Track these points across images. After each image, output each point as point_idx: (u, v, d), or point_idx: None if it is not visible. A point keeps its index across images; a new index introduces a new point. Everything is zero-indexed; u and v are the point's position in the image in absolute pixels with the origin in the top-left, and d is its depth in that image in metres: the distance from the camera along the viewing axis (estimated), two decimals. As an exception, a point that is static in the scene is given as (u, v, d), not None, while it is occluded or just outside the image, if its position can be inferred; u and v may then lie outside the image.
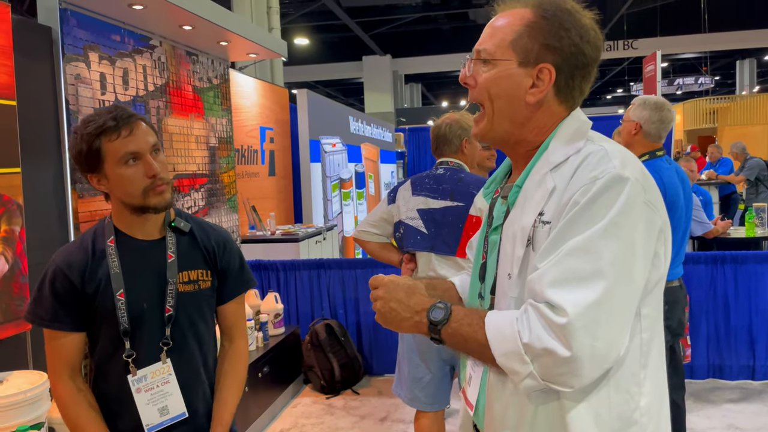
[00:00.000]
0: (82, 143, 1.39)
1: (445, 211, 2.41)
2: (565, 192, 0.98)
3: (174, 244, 1.50)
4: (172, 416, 1.48)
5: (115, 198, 1.45)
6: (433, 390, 2.51)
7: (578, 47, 1.04)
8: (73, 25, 2.63)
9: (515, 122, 1.08)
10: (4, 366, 2.26)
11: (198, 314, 1.52)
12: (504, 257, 1.07)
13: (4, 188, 2.20)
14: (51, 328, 1.44)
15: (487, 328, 0.97)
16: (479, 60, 1.08)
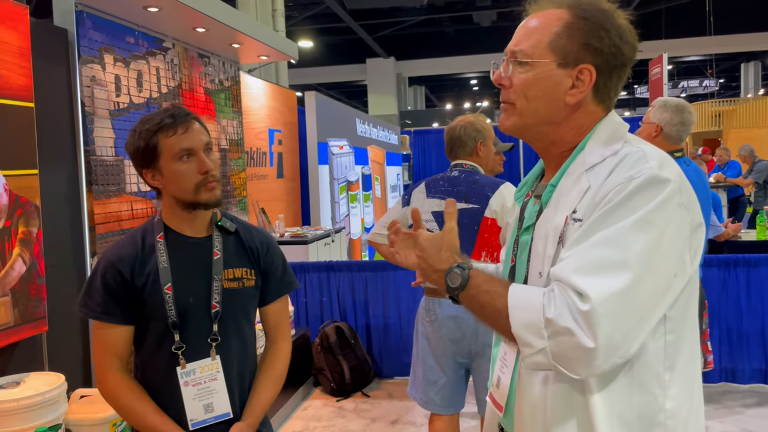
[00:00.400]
0: (140, 140, 1.44)
1: (460, 213, 2.41)
2: (599, 191, 0.98)
3: (220, 243, 1.54)
4: (217, 414, 1.49)
5: (167, 194, 1.49)
6: (448, 393, 2.50)
7: (618, 47, 1.04)
8: (88, 27, 2.63)
9: (552, 123, 1.07)
10: (21, 368, 2.26)
11: (242, 312, 1.55)
12: (535, 256, 1.07)
13: (22, 190, 2.20)
14: (101, 320, 1.47)
15: (510, 296, 0.97)
16: (515, 61, 1.07)
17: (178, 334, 1.47)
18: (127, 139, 1.51)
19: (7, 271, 2.14)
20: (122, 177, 2.80)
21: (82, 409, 2.25)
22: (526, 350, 0.94)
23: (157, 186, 1.49)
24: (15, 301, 2.16)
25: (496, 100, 20.35)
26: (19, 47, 2.20)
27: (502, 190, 2.39)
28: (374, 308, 4.20)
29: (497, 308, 0.97)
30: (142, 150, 1.44)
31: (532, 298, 0.95)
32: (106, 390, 1.49)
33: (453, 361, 2.47)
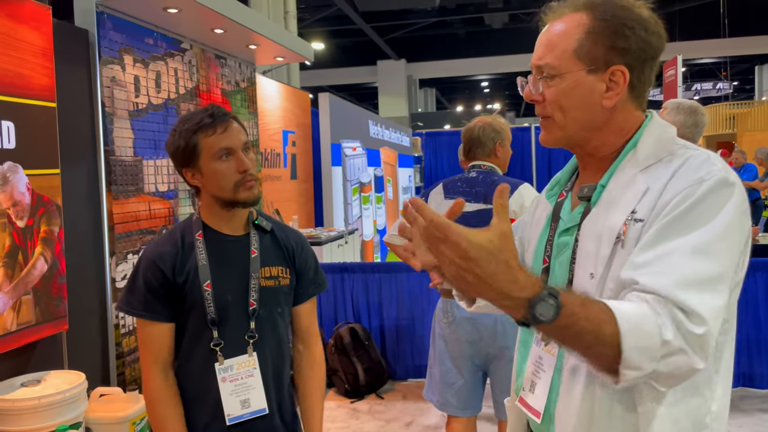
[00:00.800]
0: (180, 139, 1.46)
1: (479, 214, 2.40)
2: (664, 192, 0.97)
3: (257, 241, 1.56)
4: (253, 410, 1.52)
5: (206, 192, 1.52)
6: (465, 395, 2.49)
7: (645, 41, 1.02)
8: (109, 28, 2.65)
9: (593, 128, 1.06)
10: (41, 366, 2.27)
11: (277, 310, 1.58)
12: (585, 257, 1.04)
13: (44, 189, 2.22)
14: (143, 317, 1.50)
15: (620, 320, 0.85)
16: (542, 76, 1.06)
17: (216, 330, 1.49)
18: (167, 138, 1.53)
19: (29, 269, 2.15)
20: (140, 177, 2.81)
21: (101, 407, 2.26)
22: (632, 373, 0.86)
23: (196, 185, 1.52)
24: (37, 300, 2.18)
25: (507, 103, 20.30)
26: (41, 47, 2.22)
27: (521, 191, 2.38)
28: (388, 310, 4.19)
29: (602, 336, 0.85)
30: (182, 149, 1.47)
31: (642, 319, 0.87)
32: (145, 392, 1.53)
33: (470, 363, 2.46)
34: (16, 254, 2.11)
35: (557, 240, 1.12)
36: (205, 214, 1.55)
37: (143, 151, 2.83)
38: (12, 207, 2.09)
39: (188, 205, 3.16)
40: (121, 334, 2.64)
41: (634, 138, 1.06)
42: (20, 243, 2.12)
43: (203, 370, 1.50)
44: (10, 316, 2.07)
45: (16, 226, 2.10)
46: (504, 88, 20.09)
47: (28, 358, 2.25)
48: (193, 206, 3.20)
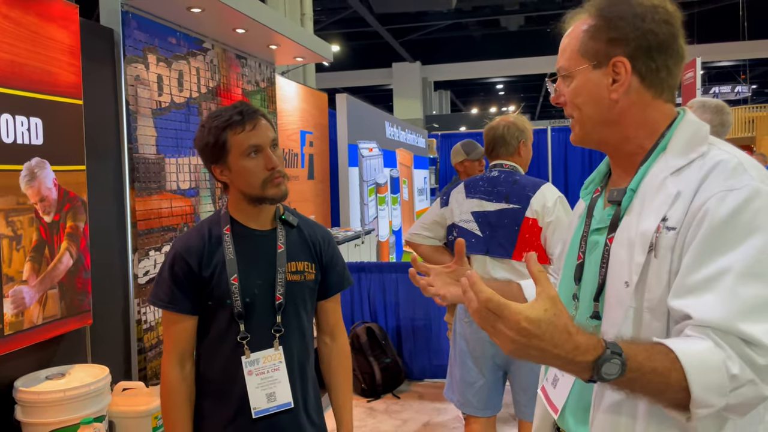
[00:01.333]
0: (209, 136, 1.48)
1: (501, 213, 2.40)
2: (694, 198, 0.95)
3: (284, 236, 1.58)
4: (279, 404, 1.53)
5: (234, 188, 1.55)
6: (486, 395, 2.48)
7: (644, 29, 1.03)
8: (133, 27, 2.68)
9: (608, 122, 1.07)
10: (64, 360, 2.30)
11: (303, 305, 1.60)
12: (619, 264, 1.02)
13: (71, 185, 2.25)
14: (169, 309, 1.53)
15: (684, 362, 0.85)
16: (560, 79, 1.11)
17: (243, 324, 1.51)
18: (195, 134, 1.55)
19: (55, 264, 2.19)
20: (163, 175, 2.84)
21: (124, 401, 2.28)
22: (703, 411, 0.86)
23: (224, 181, 1.55)
24: (62, 294, 2.21)
25: (522, 105, 20.22)
26: (69, 45, 2.26)
27: (543, 191, 2.37)
28: (405, 310, 4.20)
29: (670, 383, 0.86)
30: (212, 146, 1.49)
31: (707, 357, 0.86)
32: (162, 382, 1.56)
33: (491, 363, 2.45)
34: (43, 249, 2.14)
35: (590, 237, 1.12)
36: (232, 209, 1.57)
37: (165, 149, 2.86)
38: (39, 202, 2.12)
39: (209, 203, 3.19)
40: (143, 329, 2.67)
41: (665, 138, 1.05)
42: (47, 238, 2.15)
43: (230, 363, 1.52)
44: (36, 309, 2.10)
45: (43, 221, 2.13)
46: (519, 90, 20.02)
47: (52, 351, 2.28)
48: (213, 204, 3.23)
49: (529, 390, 2.41)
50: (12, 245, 2.01)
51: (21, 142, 2.04)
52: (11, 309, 2.00)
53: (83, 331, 2.40)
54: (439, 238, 2.61)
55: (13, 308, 2.01)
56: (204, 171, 3.16)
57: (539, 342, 0.82)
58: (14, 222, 2.02)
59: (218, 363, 1.54)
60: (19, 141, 2.03)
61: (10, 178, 2.00)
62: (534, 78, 16.86)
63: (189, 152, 3.03)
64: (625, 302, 1.00)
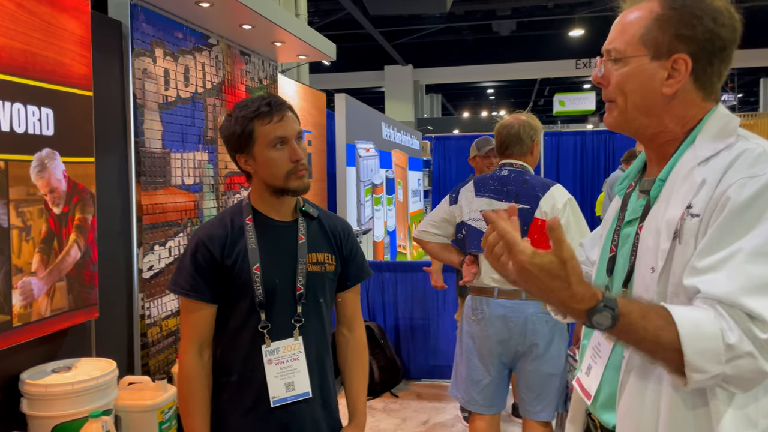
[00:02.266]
0: (236, 125, 1.49)
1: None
2: (718, 186, 0.97)
3: (305, 227, 1.60)
4: (297, 393, 1.54)
5: (257, 179, 1.56)
6: (491, 393, 2.50)
7: (713, 32, 1.03)
8: (141, 20, 2.67)
9: (652, 114, 1.08)
10: (70, 353, 2.28)
11: (323, 296, 1.61)
12: (646, 251, 1.06)
13: (80, 177, 2.23)
14: (189, 297, 1.53)
15: (680, 326, 0.91)
16: (610, 59, 1.09)
17: (264, 313, 1.51)
18: (221, 123, 1.56)
19: (63, 256, 2.17)
20: (168, 170, 2.83)
21: (131, 395, 2.27)
22: (698, 376, 0.91)
23: (248, 170, 1.56)
24: (70, 287, 2.19)
25: (512, 110, 20.35)
26: (80, 36, 2.24)
27: (553, 192, 2.39)
28: (403, 309, 4.21)
29: (662, 342, 0.92)
30: (238, 135, 1.50)
31: (704, 324, 0.91)
32: (179, 369, 1.56)
33: (498, 361, 2.47)
34: (52, 241, 2.12)
35: (623, 230, 1.15)
36: (254, 200, 1.58)
37: (171, 143, 2.85)
38: (49, 193, 2.10)
39: (212, 200, 3.18)
40: (146, 324, 2.65)
41: (695, 130, 1.07)
42: (56, 230, 2.13)
43: (250, 352, 1.53)
44: (44, 301, 2.08)
45: (52, 213, 2.12)
46: (510, 95, 20.14)
47: (58, 344, 2.26)
48: (216, 201, 3.22)
49: (534, 388, 2.43)
50: (22, 236, 1.99)
51: (32, 132, 2.03)
52: (20, 300, 1.98)
53: (88, 325, 2.38)
54: (448, 236, 2.63)
55: (21, 300, 1.98)
56: (208, 166, 3.15)
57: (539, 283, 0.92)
58: (24, 213, 2.00)
59: (238, 352, 1.54)
60: (30, 131, 2.02)
61: (21, 168, 1.98)
62: (525, 83, 16.98)
63: (194, 147, 3.02)
64: (651, 288, 1.03)
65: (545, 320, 2.36)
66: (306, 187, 1.54)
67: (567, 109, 14.15)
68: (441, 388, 4.03)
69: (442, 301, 4.13)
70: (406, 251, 7.27)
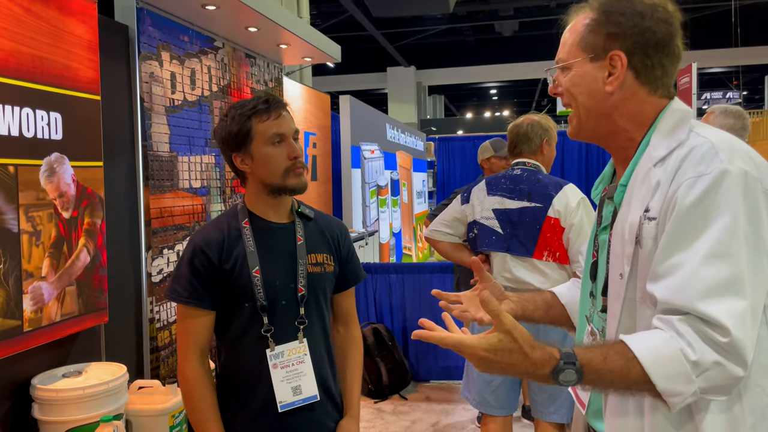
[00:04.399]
0: (233, 124, 1.47)
1: (522, 211, 2.40)
2: (670, 187, 0.97)
3: (302, 228, 1.57)
4: (305, 397, 1.51)
5: (254, 179, 1.53)
6: (503, 394, 2.48)
7: (642, 26, 1.05)
8: (147, 24, 2.67)
9: (601, 114, 1.10)
10: (80, 358, 2.28)
11: (323, 296, 1.60)
12: (614, 257, 1.07)
13: (89, 181, 2.23)
14: (189, 304, 1.50)
15: (641, 358, 0.90)
16: (559, 70, 1.13)
17: (266, 316, 1.49)
18: (216, 125, 1.54)
19: (73, 260, 2.16)
20: (175, 173, 2.83)
21: (141, 400, 2.26)
22: (676, 399, 0.90)
23: (244, 170, 1.52)
24: (79, 291, 2.19)
25: (515, 110, 20.32)
26: (88, 40, 2.24)
27: (566, 191, 2.37)
28: (411, 311, 4.19)
29: (631, 379, 0.92)
30: (235, 134, 1.48)
31: (663, 349, 0.90)
32: (182, 379, 1.53)
33: None
34: (62, 245, 2.12)
35: (599, 236, 1.16)
36: (250, 202, 1.55)
37: (178, 147, 2.85)
38: (58, 198, 2.10)
39: (219, 203, 3.18)
40: (156, 328, 2.65)
41: (650, 130, 1.07)
42: (65, 234, 2.13)
43: (254, 357, 1.50)
44: (54, 306, 2.08)
45: (62, 217, 2.11)
46: (513, 95, 20.11)
47: (68, 349, 2.26)
48: (223, 204, 3.21)
49: (546, 390, 2.42)
50: (32, 241, 1.98)
51: (41, 136, 2.03)
52: (30, 305, 1.98)
53: (98, 329, 2.37)
54: (460, 235, 2.61)
55: (32, 304, 1.98)
56: (215, 169, 3.15)
57: (498, 364, 0.94)
58: (34, 217, 2.00)
59: (243, 358, 1.52)
60: (39, 136, 2.02)
61: (31, 173, 1.98)
62: (528, 83, 16.96)
63: (201, 150, 3.02)
64: (620, 294, 1.04)
65: None
66: (304, 186, 1.51)
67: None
68: (450, 390, 4.02)
69: (449, 302, 4.12)
70: (411, 252, 7.26)
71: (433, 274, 4.17)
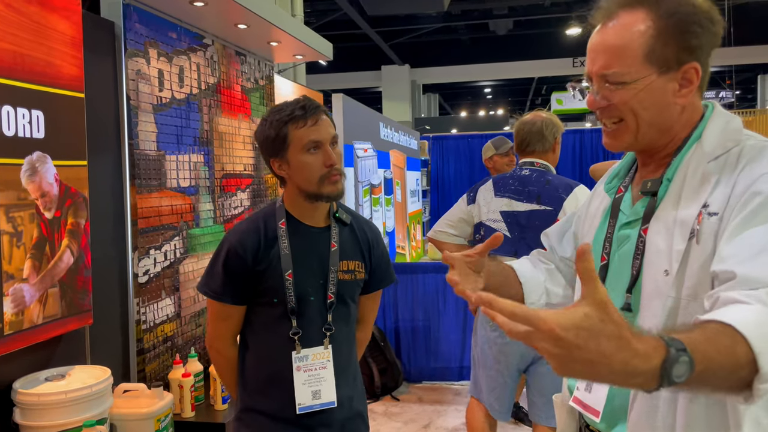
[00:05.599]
0: (270, 129, 1.49)
1: (531, 214, 2.35)
2: (736, 184, 0.95)
3: (337, 234, 1.59)
4: (323, 402, 1.55)
5: (291, 183, 1.56)
6: (507, 398, 2.47)
7: (714, 34, 1.02)
8: (134, 20, 2.62)
9: (664, 127, 1.05)
10: (63, 361, 2.23)
11: (351, 303, 1.62)
12: (656, 254, 1.01)
13: (72, 180, 2.18)
14: (222, 301, 1.58)
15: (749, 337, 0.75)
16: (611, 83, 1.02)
17: (295, 319, 1.52)
18: (256, 128, 1.56)
19: (56, 262, 2.12)
20: (163, 172, 2.78)
21: (126, 403, 2.22)
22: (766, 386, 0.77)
23: (282, 175, 1.56)
24: (63, 293, 2.14)
25: (509, 109, 20.31)
26: (71, 37, 2.19)
27: (577, 193, 2.32)
28: (403, 311, 4.16)
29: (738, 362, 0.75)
30: (272, 139, 1.50)
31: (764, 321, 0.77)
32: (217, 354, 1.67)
33: (515, 370, 2.43)
34: (44, 246, 2.07)
35: (617, 233, 1.11)
36: (288, 203, 1.58)
37: (166, 145, 2.80)
38: (40, 198, 2.05)
39: (208, 202, 3.13)
40: (142, 330, 2.61)
41: (698, 129, 1.04)
42: (48, 235, 2.08)
43: (279, 357, 1.54)
44: (36, 308, 2.03)
45: (44, 218, 2.07)
46: (507, 94, 20.11)
47: (51, 352, 2.21)
48: (213, 203, 3.17)
49: (546, 393, 2.39)
50: (12, 242, 1.94)
51: (22, 135, 1.98)
52: (11, 308, 1.93)
53: (82, 332, 2.33)
54: (465, 236, 2.58)
55: (13, 307, 1.93)
56: (204, 169, 3.10)
57: (583, 353, 0.67)
58: (15, 218, 1.95)
59: (268, 356, 1.56)
60: (20, 134, 1.97)
61: (12, 172, 1.93)
62: (522, 82, 16.95)
63: (189, 149, 2.97)
64: (664, 292, 0.98)
65: None
66: (340, 193, 1.54)
67: (564, 108, 14.12)
68: (442, 391, 3.99)
69: (442, 303, 4.09)
70: (405, 252, 7.23)
71: (427, 273, 4.14)
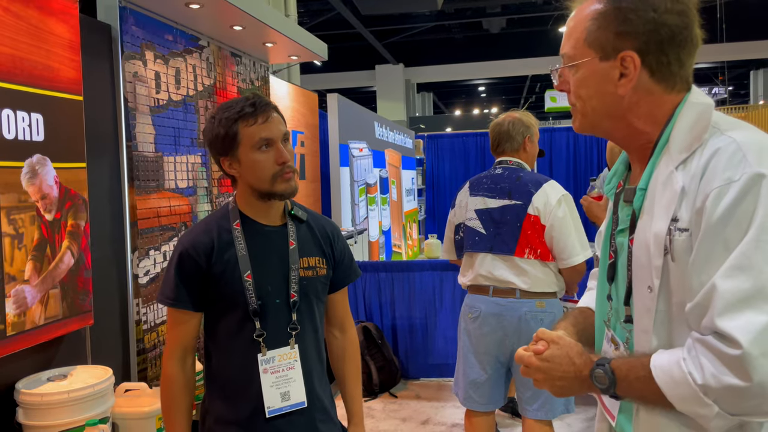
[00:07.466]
0: (219, 127, 1.43)
1: (504, 209, 2.40)
2: (697, 195, 0.90)
3: (294, 232, 1.54)
4: (293, 403, 1.49)
5: (243, 183, 1.49)
6: (488, 391, 2.49)
7: (655, 22, 0.96)
8: (131, 23, 2.64)
9: (615, 116, 1.02)
10: (65, 361, 2.26)
11: (316, 301, 1.57)
12: (640, 268, 0.99)
13: (72, 182, 2.21)
14: (174, 307, 1.49)
15: (656, 376, 0.91)
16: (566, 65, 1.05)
17: (258, 321, 1.46)
18: (204, 126, 1.51)
19: (56, 263, 2.14)
20: (161, 173, 2.81)
21: (128, 402, 2.24)
22: (703, 420, 0.88)
23: (233, 174, 1.49)
24: (64, 294, 2.16)
25: (504, 107, 20.36)
26: (69, 40, 2.21)
27: (546, 188, 2.38)
28: (400, 309, 4.19)
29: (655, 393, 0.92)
30: (222, 137, 1.44)
31: (674, 370, 0.89)
32: (163, 376, 1.54)
33: (495, 360, 2.46)
34: (45, 248, 2.09)
35: (617, 238, 1.09)
36: (241, 204, 1.52)
37: (164, 147, 2.82)
38: (41, 200, 2.07)
39: (206, 203, 3.16)
40: (143, 330, 2.63)
41: (667, 129, 0.98)
42: (48, 236, 2.11)
43: (245, 361, 1.48)
44: (38, 309, 2.05)
45: (44, 219, 2.09)
46: (501, 92, 20.15)
47: (53, 353, 2.23)
48: (210, 204, 3.19)
49: (530, 386, 2.43)
50: (14, 244, 1.96)
51: (22, 138, 2.00)
52: (13, 309, 1.95)
53: (83, 332, 2.35)
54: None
55: (15, 308, 1.96)
56: (201, 170, 3.12)
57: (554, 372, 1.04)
58: (16, 220, 1.97)
59: (233, 362, 1.50)
60: (20, 137, 1.99)
61: (12, 175, 1.95)
62: (516, 80, 16.98)
63: (186, 150, 3.00)
64: (651, 307, 0.97)
65: (539, 318, 2.35)
66: (293, 191, 1.48)
67: (558, 105, 14.16)
68: (440, 388, 4.02)
69: (439, 300, 4.12)
70: (401, 250, 7.26)
71: (423, 272, 4.18)
